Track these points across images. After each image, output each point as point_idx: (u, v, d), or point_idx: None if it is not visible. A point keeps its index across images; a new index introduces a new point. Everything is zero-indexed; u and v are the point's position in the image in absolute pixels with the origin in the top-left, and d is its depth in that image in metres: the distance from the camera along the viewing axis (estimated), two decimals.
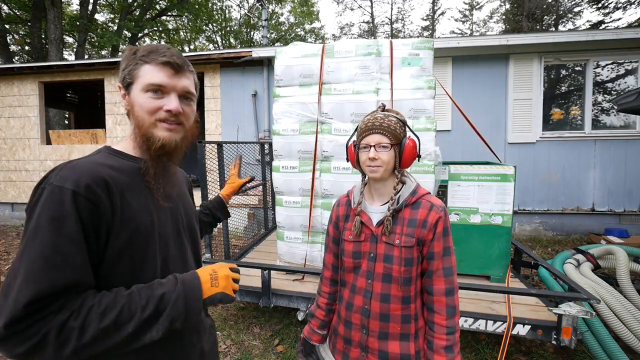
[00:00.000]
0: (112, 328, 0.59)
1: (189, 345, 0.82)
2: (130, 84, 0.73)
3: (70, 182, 0.60)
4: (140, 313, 0.61)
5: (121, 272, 0.67)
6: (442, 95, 3.95)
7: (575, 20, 16.40)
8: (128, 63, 0.73)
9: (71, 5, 16.21)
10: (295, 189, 2.52)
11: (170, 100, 0.73)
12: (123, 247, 0.66)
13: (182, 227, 0.83)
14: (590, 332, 2.06)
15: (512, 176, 2.40)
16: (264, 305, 2.27)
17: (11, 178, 6.36)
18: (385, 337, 0.95)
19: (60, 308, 0.56)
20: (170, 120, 0.73)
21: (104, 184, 0.64)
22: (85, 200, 0.60)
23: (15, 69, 6.06)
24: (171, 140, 0.74)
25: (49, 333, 0.54)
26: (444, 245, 0.94)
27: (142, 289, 0.65)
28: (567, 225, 4.96)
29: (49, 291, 0.55)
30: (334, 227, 1.10)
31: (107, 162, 0.70)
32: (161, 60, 0.71)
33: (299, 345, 1.15)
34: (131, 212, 0.68)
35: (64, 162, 0.65)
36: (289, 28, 21.05)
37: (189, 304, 0.66)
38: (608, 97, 5.16)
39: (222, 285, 0.71)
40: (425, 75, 2.36)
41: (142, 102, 0.71)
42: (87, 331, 0.56)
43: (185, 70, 0.76)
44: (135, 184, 0.72)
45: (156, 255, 0.72)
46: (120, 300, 0.61)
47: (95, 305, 0.59)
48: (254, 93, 5.54)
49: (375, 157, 0.93)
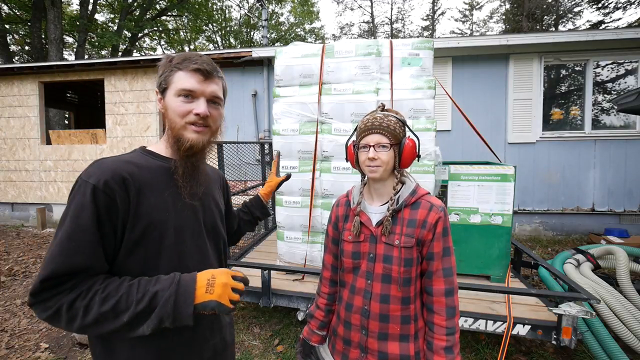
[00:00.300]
0: (110, 314, 0.63)
1: (201, 340, 0.83)
2: (165, 89, 0.79)
3: (93, 178, 0.68)
4: (134, 305, 0.64)
5: (136, 261, 0.72)
6: (442, 95, 3.95)
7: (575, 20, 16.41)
8: (164, 70, 0.79)
9: (71, 5, 16.21)
10: (295, 189, 2.52)
11: (199, 104, 0.78)
12: (137, 239, 0.71)
13: (204, 224, 0.87)
14: (590, 332, 2.06)
15: (512, 176, 2.40)
16: (264, 305, 2.27)
17: (11, 178, 6.36)
18: (385, 338, 0.95)
19: (72, 287, 0.64)
20: (199, 123, 0.79)
21: (121, 181, 0.70)
22: (103, 195, 0.67)
23: (15, 69, 6.06)
24: (198, 141, 0.79)
25: (62, 307, 0.63)
26: (444, 246, 0.94)
27: (143, 282, 0.68)
28: (567, 225, 4.96)
29: (61, 271, 0.63)
30: (333, 227, 1.10)
31: (134, 161, 0.77)
32: (192, 67, 0.77)
33: (299, 346, 1.15)
34: (147, 207, 0.73)
35: (97, 159, 0.73)
36: (289, 28, 21.05)
37: (178, 306, 0.65)
38: (608, 97, 5.16)
39: (218, 294, 0.67)
40: (425, 75, 2.36)
41: (174, 106, 0.77)
42: (89, 312, 0.63)
43: (214, 77, 0.81)
44: (157, 181, 0.77)
45: (171, 250, 0.76)
46: (121, 290, 0.65)
47: (100, 290, 0.65)
48: (254, 93, 5.54)
49: (374, 157, 0.93)
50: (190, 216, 0.82)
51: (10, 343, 2.51)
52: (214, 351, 0.87)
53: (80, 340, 2.48)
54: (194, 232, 0.82)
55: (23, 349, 2.44)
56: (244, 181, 4.30)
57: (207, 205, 0.89)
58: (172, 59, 0.80)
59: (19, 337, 2.60)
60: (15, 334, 2.63)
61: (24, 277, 3.79)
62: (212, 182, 0.97)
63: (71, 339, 2.56)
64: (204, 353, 0.84)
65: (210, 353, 0.86)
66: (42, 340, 2.56)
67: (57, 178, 6.21)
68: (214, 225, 0.91)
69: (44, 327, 2.74)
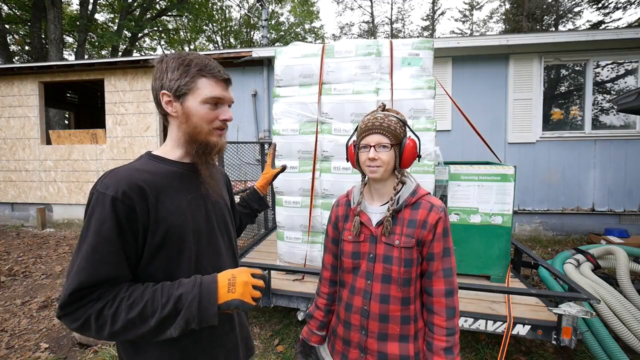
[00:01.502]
0: (138, 320, 0.66)
1: (221, 334, 0.86)
2: (185, 94, 0.79)
3: (111, 189, 0.69)
4: (160, 310, 0.66)
5: (159, 266, 0.75)
6: (442, 95, 3.95)
7: (575, 20, 16.41)
8: (182, 74, 0.78)
9: (71, 5, 16.20)
10: (295, 189, 2.52)
11: (224, 111, 0.83)
12: (159, 244, 0.74)
13: (216, 222, 0.89)
14: (590, 332, 2.06)
15: (512, 176, 2.39)
16: (264, 305, 2.27)
17: (11, 178, 6.36)
18: (385, 338, 0.95)
19: (99, 297, 0.66)
20: (223, 127, 0.84)
21: (139, 190, 0.71)
22: (122, 205, 0.69)
23: (15, 69, 6.05)
24: (224, 144, 0.86)
25: (90, 317, 0.65)
26: (444, 246, 0.94)
27: (166, 286, 0.70)
28: (567, 225, 4.96)
29: (88, 283, 0.65)
30: (333, 227, 1.10)
31: (145, 168, 0.78)
32: (221, 77, 0.81)
33: (298, 346, 1.15)
34: (165, 212, 0.75)
35: (109, 170, 0.75)
36: (289, 28, 21.04)
37: (203, 307, 0.67)
38: (608, 97, 5.16)
39: (240, 292, 0.70)
40: (425, 75, 2.36)
41: (202, 113, 0.79)
42: (118, 320, 0.65)
43: (230, 84, 0.86)
44: (170, 186, 0.79)
45: (190, 251, 0.78)
46: (146, 296, 0.67)
47: (126, 297, 0.67)
48: (254, 93, 5.54)
49: (375, 157, 0.93)
50: (204, 217, 0.85)
51: (10, 343, 2.51)
52: (235, 343, 0.90)
53: (80, 340, 2.48)
54: (208, 231, 0.85)
55: (23, 349, 2.44)
56: (244, 181, 4.30)
57: (218, 204, 0.92)
58: (189, 62, 0.79)
59: (19, 337, 2.60)
60: (15, 334, 2.63)
61: (24, 277, 3.79)
62: (219, 181, 0.99)
63: (71, 339, 2.56)
64: (226, 345, 0.87)
65: (231, 344, 0.89)
66: (42, 340, 2.56)
67: (57, 178, 6.21)
68: (225, 222, 0.94)
69: (44, 327, 2.75)
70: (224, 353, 0.87)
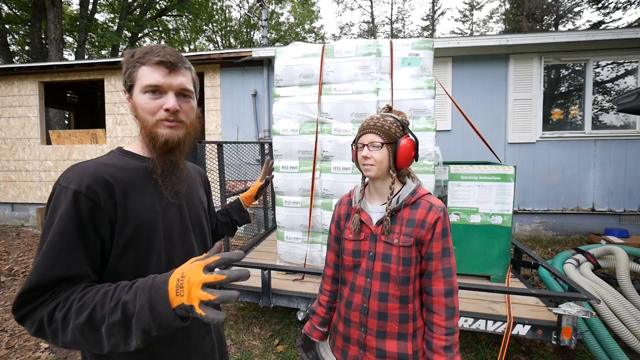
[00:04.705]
0: (87, 327, 0.56)
1: (196, 337, 0.82)
2: (131, 87, 0.76)
3: (73, 183, 0.65)
4: (108, 317, 0.56)
5: (127, 264, 0.70)
6: (442, 95, 3.95)
7: (575, 20, 16.41)
8: (127, 66, 0.75)
9: (71, 5, 16.20)
10: (295, 189, 2.52)
11: (167, 99, 0.74)
12: (127, 242, 0.69)
13: (190, 222, 0.85)
14: (590, 332, 2.06)
15: (512, 176, 2.40)
16: (264, 305, 2.27)
17: (11, 178, 6.36)
18: (383, 336, 0.96)
19: (51, 298, 0.60)
20: (170, 119, 0.75)
21: (105, 184, 0.67)
22: (86, 200, 0.64)
23: (15, 69, 6.06)
24: (173, 136, 0.76)
25: (42, 320, 0.59)
26: (443, 246, 0.94)
27: (119, 289, 0.60)
28: (567, 225, 4.96)
29: (41, 282, 0.60)
30: (335, 225, 1.11)
31: (113, 163, 0.74)
32: (155, 60, 0.73)
33: (300, 340, 1.17)
34: (134, 209, 0.71)
35: (74, 164, 0.70)
36: (289, 28, 21.04)
37: (157, 313, 0.55)
38: (608, 97, 5.16)
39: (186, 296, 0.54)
40: (425, 75, 2.36)
41: (142, 103, 0.74)
42: (68, 325, 0.57)
43: (181, 68, 0.76)
44: (140, 182, 0.75)
45: (160, 249, 0.74)
46: (96, 299, 0.59)
47: (77, 299, 0.59)
48: (254, 93, 5.54)
49: (367, 156, 0.95)
50: (176, 214, 0.81)
51: (10, 343, 2.51)
52: (212, 347, 0.86)
53: None
54: (180, 230, 0.81)
55: (23, 349, 2.44)
56: (244, 181, 4.30)
57: (192, 202, 0.88)
58: (133, 53, 0.75)
59: (19, 337, 2.60)
60: (15, 334, 2.63)
61: (24, 277, 3.79)
62: (194, 179, 0.95)
63: None
64: (202, 349, 0.83)
65: (208, 348, 0.84)
66: (42, 340, 2.56)
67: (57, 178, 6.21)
68: (200, 223, 0.90)
69: None
70: (199, 358, 0.82)
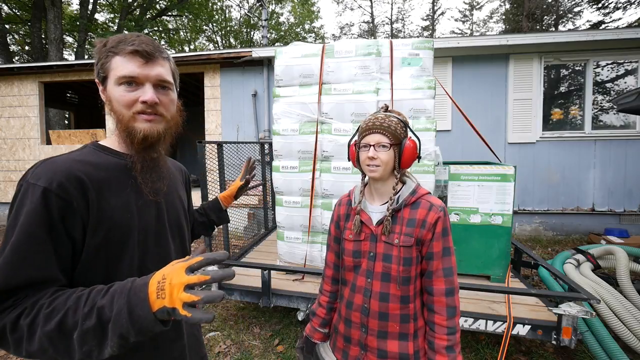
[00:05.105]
0: (57, 334, 0.53)
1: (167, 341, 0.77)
2: (105, 78, 0.70)
3: (43, 180, 0.60)
4: (81, 323, 0.53)
5: (96, 268, 0.65)
6: (442, 95, 3.94)
7: (575, 20, 16.42)
8: (100, 56, 0.70)
9: (71, 5, 16.20)
10: (295, 189, 2.52)
11: (144, 91, 0.69)
12: (100, 244, 0.65)
13: (168, 222, 0.80)
14: (590, 332, 2.06)
15: (512, 176, 2.40)
16: (264, 305, 2.27)
17: (11, 178, 6.36)
18: (384, 336, 0.95)
19: (15, 305, 0.56)
20: (148, 111, 0.70)
21: (77, 182, 0.62)
22: (56, 199, 0.59)
23: (15, 69, 6.06)
24: (152, 131, 0.71)
25: (5, 328, 0.54)
26: (444, 246, 0.94)
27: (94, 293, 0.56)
28: (567, 225, 4.96)
29: (2, 288, 0.55)
30: (335, 226, 1.11)
31: (87, 159, 0.69)
32: (129, 49, 0.67)
33: (300, 343, 1.16)
34: (109, 209, 0.66)
35: (44, 159, 0.65)
36: (289, 28, 21.04)
37: (136, 317, 0.52)
38: (608, 97, 5.16)
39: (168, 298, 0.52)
40: (425, 75, 2.36)
41: (117, 96, 0.69)
42: (34, 332, 0.53)
43: (158, 58, 0.71)
44: (116, 180, 0.70)
45: (134, 252, 0.70)
46: (68, 303, 0.55)
47: (46, 305, 0.55)
48: (254, 93, 5.54)
49: (374, 157, 0.94)
50: (154, 215, 0.76)
51: None
52: (182, 351, 0.81)
53: None
54: (157, 232, 0.76)
55: None
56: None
57: (171, 202, 0.83)
58: (105, 42, 0.69)
59: None
60: None
61: None
62: (175, 177, 0.90)
63: None
64: (171, 353, 0.78)
65: (178, 353, 0.80)
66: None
67: None
68: (179, 224, 0.85)
69: None
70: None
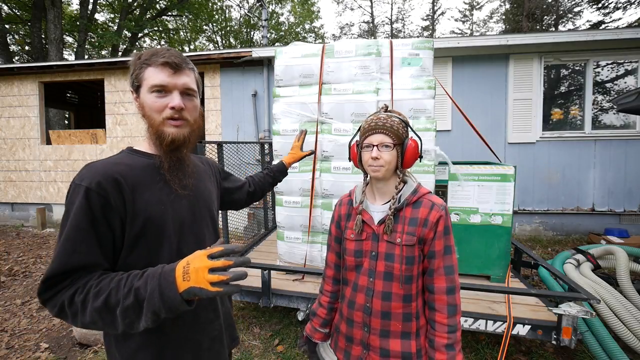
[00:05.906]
0: (104, 309, 0.65)
1: (205, 321, 0.88)
2: (138, 87, 0.81)
3: (85, 181, 0.71)
4: (122, 301, 0.65)
5: (139, 255, 0.77)
6: (442, 95, 3.95)
7: (575, 20, 16.42)
8: (134, 68, 0.81)
9: (71, 5, 16.20)
10: (295, 189, 2.52)
11: (172, 98, 0.80)
12: (138, 234, 0.75)
13: (199, 213, 0.90)
14: (590, 332, 2.06)
15: (512, 176, 2.40)
16: (264, 305, 2.27)
17: (11, 178, 6.36)
18: (387, 335, 0.96)
19: (71, 284, 0.68)
20: (175, 117, 0.80)
21: (114, 182, 0.73)
22: (96, 196, 0.71)
23: (15, 69, 6.06)
24: (179, 135, 0.81)
25: (64, 303, 0.67)
26: (445, 244, 0.94)
27: (131, 277, 0.69)
28: (567, 225, 4.96)
29: (60, 270, 0.68)
30: (336, 226, 1.11)
31: (123, 161, 0.80)
32: (161, 61, 0.78)
33: (301, 343, 1.16)
34: (143, 203, 0.77)
35: (88, 163, 0.77)
36: (289, 28, 21.03)
37: (166, 297, 0.63)
38: (608, 97, 5.16)
39: (194, 279, 0.63)
40: (425, 75, 2.36)
41: (149, 102, 0.79)
42: (86, 308, 0.65)
43: (184, 68, 0.82)
44: (148, 178, 0.81)
45: (171, 240, 0.80)
46: (112, 285, 0.67)
47: (94, 285, 0.67)
48: (254, 93, 5.54)
49: (377, 157, 0.94)
50: (186, 206, 0.86)
51: (10, 343, 2.51)
52: (220, 331, 0.92)
53: (80, 340, 2.48)
54: (190, 221, 0.86)
55: (23, 349, 2.44)
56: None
57: (200, 194, 0.93)
58: (140, 55, 0.81)
59: (19, 337, 2.60)
60: (15, 334, 2.63)
61: (24, 277, 3.79)
62: (203, 172, 1.00)
63: (71, 339, 2.56)
64: (210, 332, 0.89)
65: (216, 332, 0.91)
66: (42, 340, 2.56)
67: (57, 178, 6.21)
68: (210, 213, 0.96)
69: (44, 327, 2.75)
70: (208, 340, 0.89)
